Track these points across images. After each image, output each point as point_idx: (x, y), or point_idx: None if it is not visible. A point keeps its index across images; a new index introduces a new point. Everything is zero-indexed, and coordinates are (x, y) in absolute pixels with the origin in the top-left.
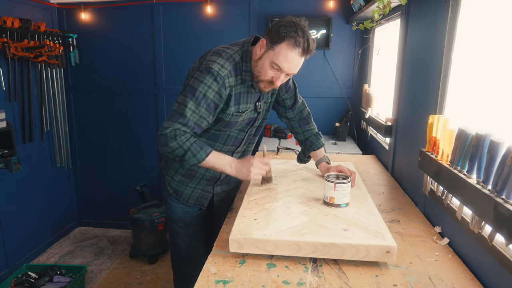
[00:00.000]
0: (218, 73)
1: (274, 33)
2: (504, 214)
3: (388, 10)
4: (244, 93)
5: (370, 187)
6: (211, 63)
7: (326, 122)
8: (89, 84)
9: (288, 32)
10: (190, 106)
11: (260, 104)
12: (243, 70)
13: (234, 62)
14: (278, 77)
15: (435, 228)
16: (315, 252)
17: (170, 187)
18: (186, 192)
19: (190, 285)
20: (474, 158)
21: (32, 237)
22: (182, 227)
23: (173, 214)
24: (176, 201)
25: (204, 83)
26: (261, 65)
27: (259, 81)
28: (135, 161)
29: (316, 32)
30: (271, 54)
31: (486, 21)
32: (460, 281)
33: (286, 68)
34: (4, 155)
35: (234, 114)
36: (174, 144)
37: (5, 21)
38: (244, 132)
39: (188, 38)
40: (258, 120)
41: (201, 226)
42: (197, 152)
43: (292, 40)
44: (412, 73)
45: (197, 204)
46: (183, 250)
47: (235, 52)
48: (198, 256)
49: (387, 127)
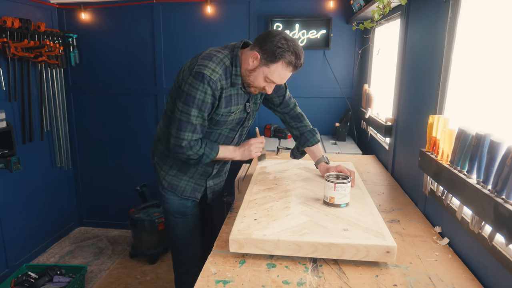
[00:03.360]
0: (210, 78)
1: (270, 51)
2: (504, 214)
3: (388, 10)
4: (234, 95)
5: (370, 187)
6: (202, 68)
7: (326, 122)
8: (89, 84)
9: (282, 53)
10: (193, 113)
11: (250, 105)
12: (232, 74)
13: (224, 66)
14: (270, 87)
15: (435, 228)
16: (315, 252)
17: (165, 181)
18: (180, 185)
19: (189, 272)
20: (474, 158)
21: (32, 237)
22: (179, 218)
23: (169, 206)
24: (172, 194)
25: (200, 90)
26: (255, 76)
27: (251, 87)
28: (135, 161)
29: (316, 32)
30: (265, 70)
31: (486, 21)
32: (460, 281)
33: (279, 82)
34: (4, 155)
35: (225, 114)
36: (191, 154)
37: (5, 21)
38: (234, 131)
39: (188, 38)
40: (248, 120)
41: (196, 215)
42: (209, 154)
43: (286, 61)
44: (412, 73)
45: (191, 196)
46: (181, 239)
47: (225, 56)
48: (196, 244)
49: (387, 127)
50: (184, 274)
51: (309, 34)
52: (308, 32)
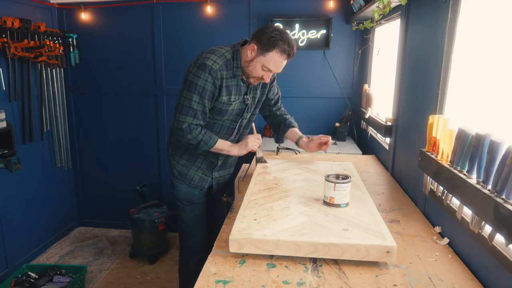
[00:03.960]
0: (211, 68)
1: (265, 41)
2: (504, 214)
3: (388, 10)
4: (234, 86)
5: (370, 187)
6: (205, 60)
7: (326, 122)
8: (89, 84)
9: (276, 41)
10: (195, 99)
11: (248, 97)
12: (234, 67)
13: (225, 59)
14: (267, 75)
15: (435, 228)
16: (315, 252)
17: (176, 170)
18: (189, 174)
19: (192, 260)
20: (474, 158)
21: (32, 237)
22: (187, 205)
23: (178, 193)
24: (181, 182)
25: (202, 78)
26: (253, 66)
27: (250, 77)
28: (135, 161)
29: (316, 32)
30: (262, 59)
31: (486, 21)
32: (460, 281)
33: (274, 70)
34: (4, 155)
35: (226, 102)
36: (190, 137)
37: (5, 21)
38: (235, 122)
39: (188, 38)
40: (247, 113)
41: (203, 204)
42: (207, 141)
43: (280, 49)
44: (412, 73)
45: (199, 185)
46: (188, 226)
47: (226, 51)
48: (200, 231)
49: (387, 127)
50: (188, 261)
51: (309, 34)
52: (308, 32)
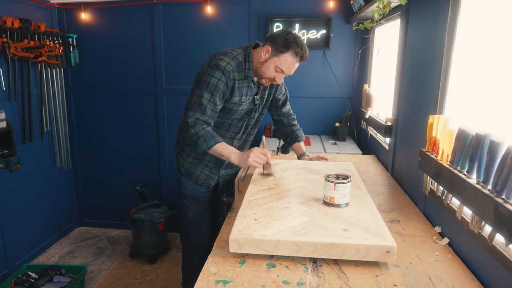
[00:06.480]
0: (224, 68)
1: (279, 43)
2: (504, 214)
3: (388, 10)
4: (245, 87)
5: (370, 187)
6: (219, 61)
7: (326, 122)
8: (89, 84)
9: (291, 44)
10: (206, 96)
11: (257, 98)
12: (245, 68)
13: (237, 61)
14: (279, 77)
15: (435, 228)
16: (315, 252)
17: (183, 167)
18: (196, 172)
19: (195, 257)
20: (474, 158)
21: (32, 237)
22: (192, 202)
23: (185, 190)
24: (188, 180)
25: (215, 77)
26: (266, 67)
27: (262, 78)
28: (135, 161)
29: (316, 32)
30: (276, 60)
31: (486, 21)
32: (460, 281)
33: (287, 71)
34: (4, 155)
35: (237, 103)
36: (192, 131)
37: (5, 21)
38: (243, 121)
39: (188, 38)
40: (255, 112)
41: (207, 202)
42: (208, 139)
43: (294, 51)
44: (412, 73)
45: (205, 183)
46: (192, 223)
47: (239, 54)
48: (204, 229)
49: (387, 127)
50: (191, 258)
51: (309, 34)
52: (308, 32)
